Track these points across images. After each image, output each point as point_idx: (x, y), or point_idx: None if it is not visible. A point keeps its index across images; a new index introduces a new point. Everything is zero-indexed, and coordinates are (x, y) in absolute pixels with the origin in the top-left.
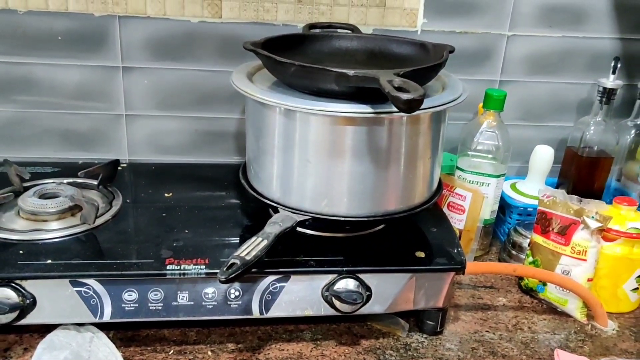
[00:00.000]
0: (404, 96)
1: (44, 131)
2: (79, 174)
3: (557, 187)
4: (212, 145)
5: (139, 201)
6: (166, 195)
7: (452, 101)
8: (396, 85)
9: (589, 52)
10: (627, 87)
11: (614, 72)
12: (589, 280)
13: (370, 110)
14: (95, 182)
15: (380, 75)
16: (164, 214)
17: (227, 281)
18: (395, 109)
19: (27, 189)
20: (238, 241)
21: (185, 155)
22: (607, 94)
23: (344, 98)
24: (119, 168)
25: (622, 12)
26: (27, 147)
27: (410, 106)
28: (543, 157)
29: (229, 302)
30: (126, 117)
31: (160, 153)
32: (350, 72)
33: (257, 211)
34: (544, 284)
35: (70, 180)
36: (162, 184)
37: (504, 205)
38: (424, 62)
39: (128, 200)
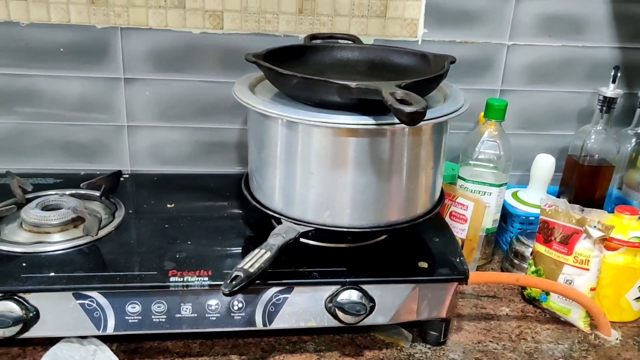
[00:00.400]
0: (407, 109)
1: (46, 142)
2: (81, 185)
3: (558, 196)
4: (214, 155)
5: (141, 212)
6: (168, 206)
7: (454, 112)
8: (398, 98)
9: (589, 61)
10: (627, 95)
11: (614, 81)
12: (591, 289)
13: (373, 121)
14: (97, 194)
15: (382, 87)
16: (166, 225)
17: (231, 294)
18: (397, 120)
19: (29, 200)
20: (241, 252)
21: (187, 165)
22: (608, 103)
23: (346, 109)
24: (121, 179)
25: (621, 21)
26: (29, 158)
27: (413, 119)
28: (544, 165)
29: (232, 314)
30: (128, 128)
31: (162, 164)
32: (353, 84)
33: (260, 222)
34: (547, 294)
35: (73, 191)
36: (164, 195)
37: (506, 214)
38: (425, 73)
39: (130, 212)
